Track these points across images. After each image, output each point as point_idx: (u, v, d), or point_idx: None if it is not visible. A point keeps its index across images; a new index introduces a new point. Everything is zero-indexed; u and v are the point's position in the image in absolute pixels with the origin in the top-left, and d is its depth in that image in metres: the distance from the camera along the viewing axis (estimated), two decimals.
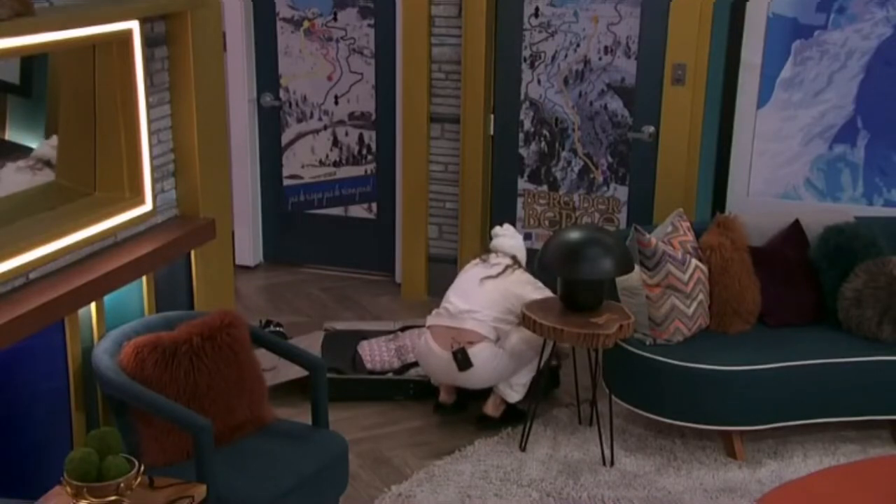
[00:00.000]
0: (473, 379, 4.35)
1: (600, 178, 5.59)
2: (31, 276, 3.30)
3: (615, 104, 5.46)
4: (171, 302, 3.89)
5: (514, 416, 4.48)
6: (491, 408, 4.50)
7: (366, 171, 6.16)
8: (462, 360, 4.27)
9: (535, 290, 4.40)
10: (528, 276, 4.48)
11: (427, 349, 4.42)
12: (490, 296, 4.38)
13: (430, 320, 4.47)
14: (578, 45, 5.44)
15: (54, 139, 3.65)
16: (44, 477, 3.17)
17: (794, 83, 5.19)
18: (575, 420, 4.56)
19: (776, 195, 5.32)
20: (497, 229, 4.69)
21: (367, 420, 4.59)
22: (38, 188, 3.62)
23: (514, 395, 4.45)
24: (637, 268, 4.25)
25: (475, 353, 4.28)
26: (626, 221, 5.54)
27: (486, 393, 4.50)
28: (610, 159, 5.55)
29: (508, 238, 4.62)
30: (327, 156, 6.19)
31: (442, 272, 5.88)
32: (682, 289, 4.27)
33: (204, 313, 3.66)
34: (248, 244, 6.38)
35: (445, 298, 4.49)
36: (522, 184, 5.73)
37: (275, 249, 6.49)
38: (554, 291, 4.32)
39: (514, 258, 4.54)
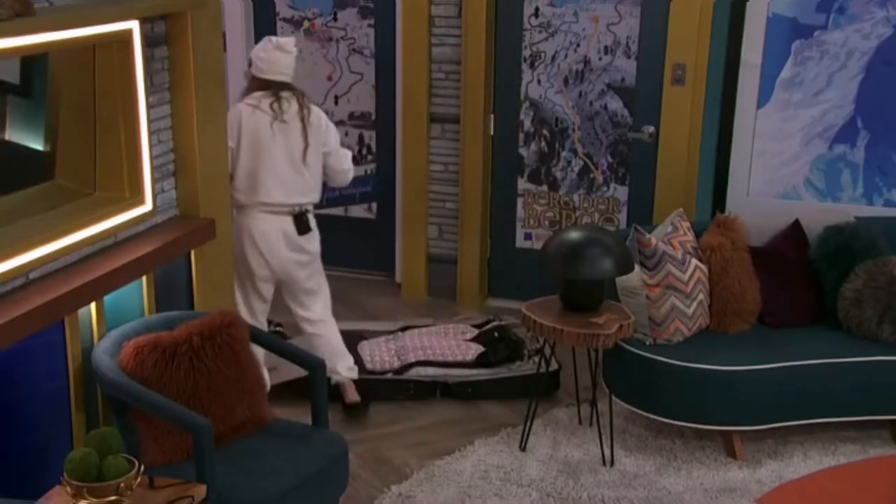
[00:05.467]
0: (310, 245, 4.43)
1: (600, 178, 5.59)
2: (31, 276, 3.29)
3: (615, 104, 5.46)
4: (171, 302, 3.88)
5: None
6: (350, 394, 4.58)
7: (366, 172, 6.16)
8: (304, 223, 4.35)
9: (330, 127, 4.44)
10: (319, 116, 4.38)
11: (266, 223, 4.33)
12: (310, 168, 4.35)
13: (262, 210, 4.32)
14: (578, 45, 5.44)
15: None
16: (44, 477, 3.18)
17: (794, 83, 5.19)
18: (575, 420, 4.56)
19: (776, 195, 5.32)
20: (258, 52, 4.35)
21: (367, 420, 4.59)
22: (38, 188, 3.62)
23: (348, 373, 4.59)
24: (637, 268, 4.25)
25: (312, 218, 4.43)
26: (626, 221, 5.54)
27: None
28: (610, 159, 5.55)
29: (283, 58, 4.32)
30: None
31: (442, 272, 5.88)
32: (682, 289, 4.27)
33: (204, 313, 3.65)
34: None
35: (265, 191, 4.29)
36: (522, 184, 5.73)
37: None
38: (554, 292, 4.32)
39: (293, 88, 4.33)
